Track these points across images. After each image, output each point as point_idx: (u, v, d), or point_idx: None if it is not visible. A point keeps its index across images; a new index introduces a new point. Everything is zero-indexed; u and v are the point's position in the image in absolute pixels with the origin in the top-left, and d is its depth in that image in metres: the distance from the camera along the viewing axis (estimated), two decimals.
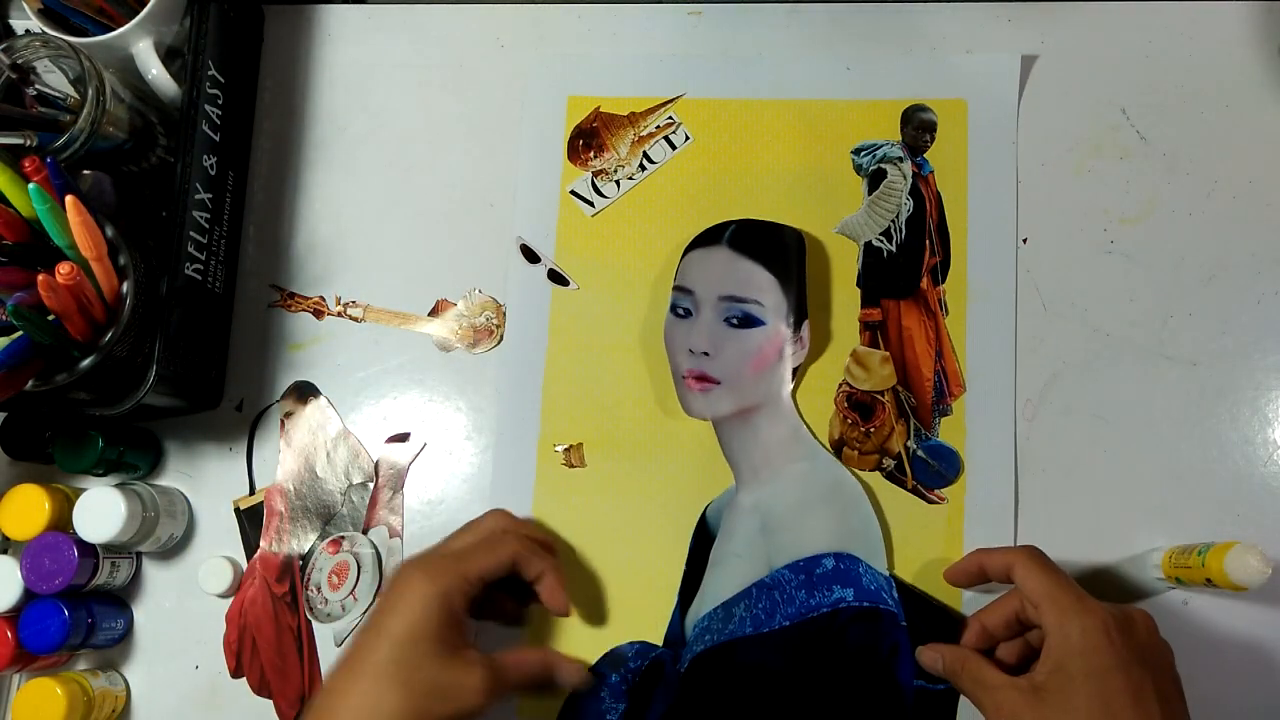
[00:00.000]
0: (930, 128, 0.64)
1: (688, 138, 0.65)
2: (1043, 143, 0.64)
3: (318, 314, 0.66)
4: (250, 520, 0.64)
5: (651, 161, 0.65)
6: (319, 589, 0.63)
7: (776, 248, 0.62)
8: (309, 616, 0.62)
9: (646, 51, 0.67)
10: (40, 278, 0.51)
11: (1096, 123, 0.64)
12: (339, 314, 0.66)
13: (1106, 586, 0.58)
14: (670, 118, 0.66)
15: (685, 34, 0.67)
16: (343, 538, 0.63)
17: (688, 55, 0.67)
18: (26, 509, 0.60)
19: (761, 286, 0.61)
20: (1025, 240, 0.62)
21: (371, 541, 0.63)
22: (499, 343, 0.65)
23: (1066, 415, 0.60)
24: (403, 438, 0.64)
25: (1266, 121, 0.63)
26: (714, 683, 0.58)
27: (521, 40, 0.69)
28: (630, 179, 0.65)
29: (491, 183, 0.67)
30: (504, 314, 0.65)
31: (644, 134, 0.66)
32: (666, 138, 0.65)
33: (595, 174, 0.66)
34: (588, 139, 0.66)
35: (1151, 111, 0.63)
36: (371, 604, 0.62)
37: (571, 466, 0.62)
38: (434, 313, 0.65)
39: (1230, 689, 0.57)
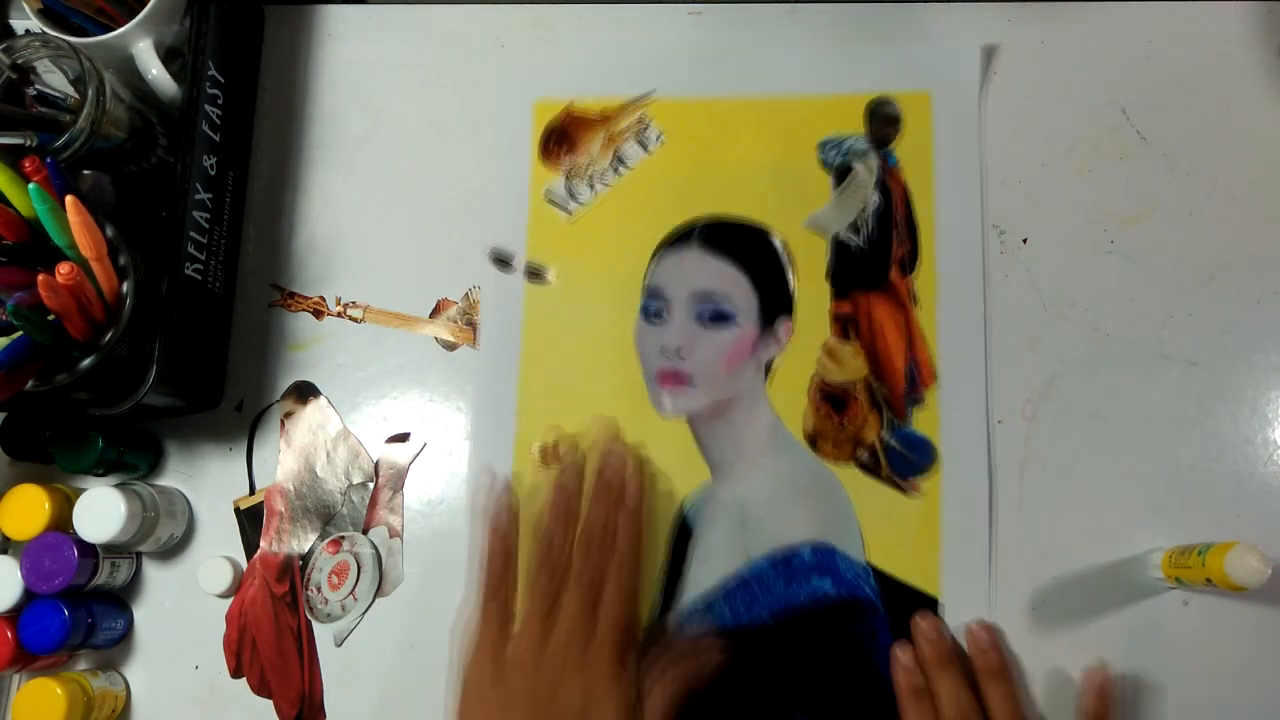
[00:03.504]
0: (895, 121, 0.64)
1: (659, 137, 0.66)
2: (1043, 142, 0.64)
3: (317, 314, 0.66)
4: (250, 520, 0.64)
5: (624, 164, 0.65)
6: (319, 589, 0.63)
7: (746, 245, 0.63)
8: (309, 616, 0.62)
9: (612, 52, 0.68)
10: (40, 278, 0.51)
11: (1096, 123, 0.64)
12: (339, 314, 0.66)
13: (1107, 586, 0.58)
14: (640, 116, 0.66)
15: (685, 34, 0.67)
16: (343, 538, 0.63)
17: (655, 55, 0.67)
18: (26, 509, 0.60)
19: (732, 283, 0.62)
20: (1025, 240, 0.62)
21: (371, 541, 0.63)
22: None
23: (1066, 415, 0.60)
24: (403, 438, 0.64)
25: (1266, 121, 0.63)
26: None
27: (521, 40, 0.69)
28: (604, 182, 0.65)
29: (491, 182, 0.67)
30: None
31: (615, 132, 0.66)
32: (639, 139, 0.65)
33: (568, 174, 0.65)
34: (559, 136, 0.66)
35: (1151, 111, 0.63)
36: (371, 604, 0.62)
37: (548, 466, 0.62)
38: (435, 312, 0.65)
39: (1230, 689, 0.57)
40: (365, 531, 0.63)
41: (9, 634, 0.59)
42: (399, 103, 0.69)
